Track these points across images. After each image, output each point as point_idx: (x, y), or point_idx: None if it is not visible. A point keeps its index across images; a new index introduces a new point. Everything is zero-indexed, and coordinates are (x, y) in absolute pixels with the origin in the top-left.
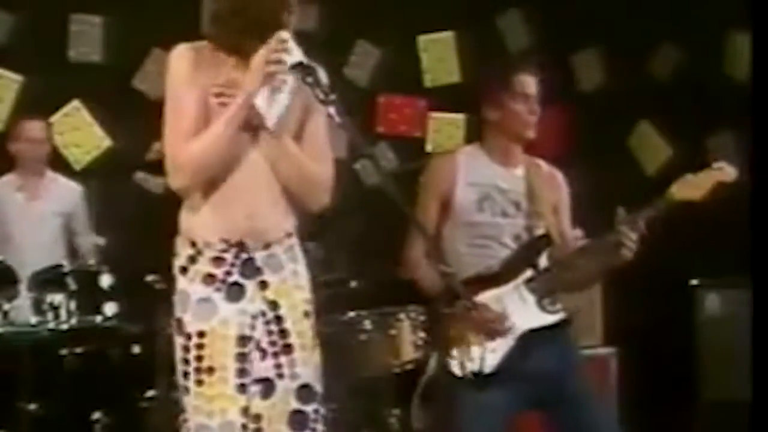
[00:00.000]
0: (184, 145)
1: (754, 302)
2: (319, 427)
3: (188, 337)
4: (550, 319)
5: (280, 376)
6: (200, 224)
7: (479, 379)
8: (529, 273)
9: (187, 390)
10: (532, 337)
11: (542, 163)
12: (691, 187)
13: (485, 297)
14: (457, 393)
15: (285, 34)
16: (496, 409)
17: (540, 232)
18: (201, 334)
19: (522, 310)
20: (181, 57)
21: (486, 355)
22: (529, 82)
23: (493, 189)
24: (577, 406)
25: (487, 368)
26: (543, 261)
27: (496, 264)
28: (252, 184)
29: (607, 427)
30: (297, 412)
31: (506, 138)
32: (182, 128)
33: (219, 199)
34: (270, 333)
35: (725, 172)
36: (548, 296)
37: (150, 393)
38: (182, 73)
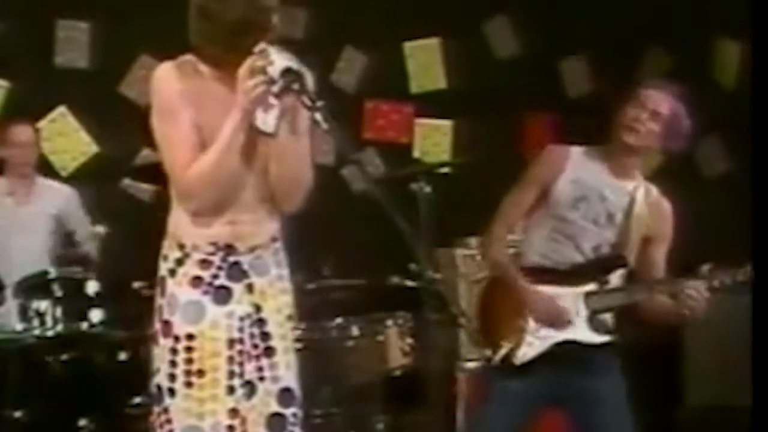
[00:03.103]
0: (187, 171)
1: (754, 304)
2: (297, 430)
3: (176, 339)
4: (594, 338)
5: (262, 378)
6: (188, 227)
7: (506, 366)
8: (592, 286)
9: (172, 392)
10: (572, 347)
11: (655, 190)
12: None
13: (545, 288)
14: (484, 380)
15: (264, 45)
16: (520, 402)
17: (620, 251)
18: (190, 337)
19: (572, 319)
20: (166, 79)
21: (522, 345)
22: (659, 100)
23: (595, 193)
24: (602, 409)
25: (519, 359)
26: (611, 280)
27: (565, 265)
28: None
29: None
30: (276, 415)
31: (620, 147)
32: (181, 155)
33: None
34: (252, 336)
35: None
36: (601, 315)
37: (136, 400)
38: (172, 95)
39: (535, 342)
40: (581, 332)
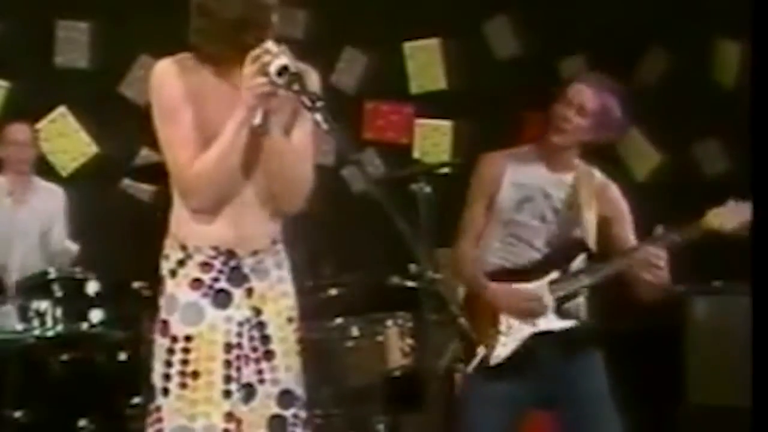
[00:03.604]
0: (189, 168)
1: (754, 304)
2: (299, 431)
3: (174, 339)
4: (559, 324)
5: (261, 381)
6: (190, 227)
7: (484, 370)
8: (555, 275)
9: (166, 392)
10: (544, 338)
11: (597, 173)
12: (726, 217)
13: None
14: (466, 385)
15: (268, 43)
16: (502, 404)
17: (575, 237)
18: (188, 338)
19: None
20: (167, 75)
21: (497, 347)
22: (579, 90)
23: (537, 191)
24: (587, 407)
25: (494, 360)
26: (573, 267)
27: (525, 264)
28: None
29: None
30: (276, 417)
31: (552, 144)
32: (183, 152)
33: None
34: (252, 339)
35: None
36: (568, 301)
37: (136, 400)
38: (173, 92)
39: (508, 341)
40: (550, 322)
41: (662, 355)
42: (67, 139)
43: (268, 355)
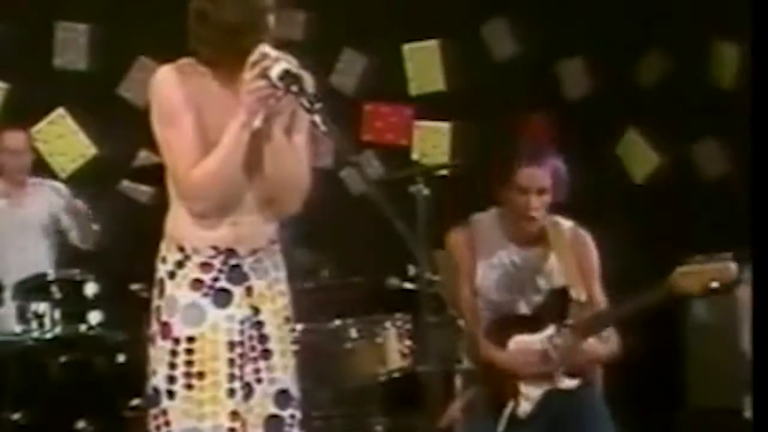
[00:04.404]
0: (191, 174)
1: (754, 305)
2: (295, 431)
3: (176, 341)
4: (569, 383)
5: (259, 380)
6: (189, 230)
7: (515, 424)
8: (552, 330)
9: (171, 394)
10: (556, 393)
11: (564, 225)
12: (691, 281)
13: (513, 340)
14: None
15: (265, 47)
16: None
17: (557, 286)
18: (191, 339)
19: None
20: (167, 81)
21: (521, 402)
22: (533, 175)
23: (510, 266)
24: None
25: (522, 414)
26: (566, 319)
27: (524, 314)
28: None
29: None
30: (273, 417)
31: (515, 222)
32: (185, 157)
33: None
34: (251, 338)
35: (728, 272)
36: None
37: (135, 402)
38: (173, 98)
39: (530, 394)
40: (561, 381)
41: (660, 358)
42: (66, 140)
43: (266, 354)
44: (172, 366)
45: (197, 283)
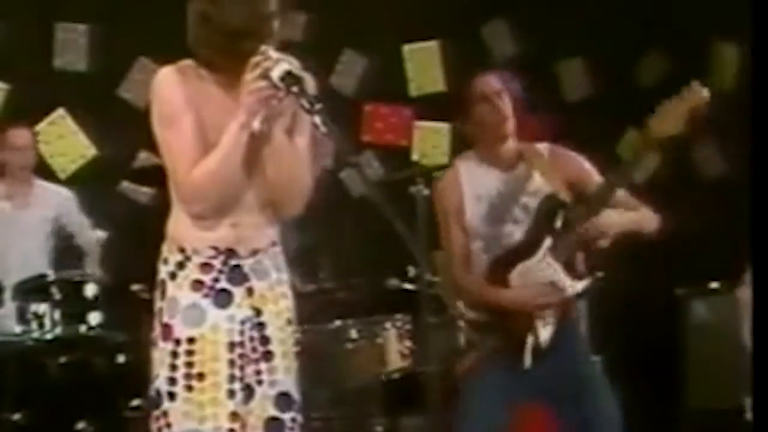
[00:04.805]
0: (191, 175)
1: (754, 305)
2: None
3: (177, 342)
4: (578, 285)
5: (260, 382)
6: (189, 231)
7: (539, 355)
8: (549, 241)
9: (172, 396)
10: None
11: (541, 149)
12: (668, 120)
13: (514, 274)
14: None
15: (265, 48)
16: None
17: (545, 193)
18: (191, 340)
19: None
20: (168, 83)
21: (540, 331)
22: (486, 81)
23: (496, 195)
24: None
25: (544, 342)
26: (558, 225)
27: (516, 243)
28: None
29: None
30: (273, 419)
31: (490, 143)
32: (185, 159)
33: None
34: (252, 339)
35: (697, 94)
36: (572, 260)
37: (135, 402)
38: (174, 99)
39: (547, 322)
40: (570, 287)
41: (660, 359)
42: (66, 141)
43: (268, 356)
44: (173, 367)
45: (198, 284)
